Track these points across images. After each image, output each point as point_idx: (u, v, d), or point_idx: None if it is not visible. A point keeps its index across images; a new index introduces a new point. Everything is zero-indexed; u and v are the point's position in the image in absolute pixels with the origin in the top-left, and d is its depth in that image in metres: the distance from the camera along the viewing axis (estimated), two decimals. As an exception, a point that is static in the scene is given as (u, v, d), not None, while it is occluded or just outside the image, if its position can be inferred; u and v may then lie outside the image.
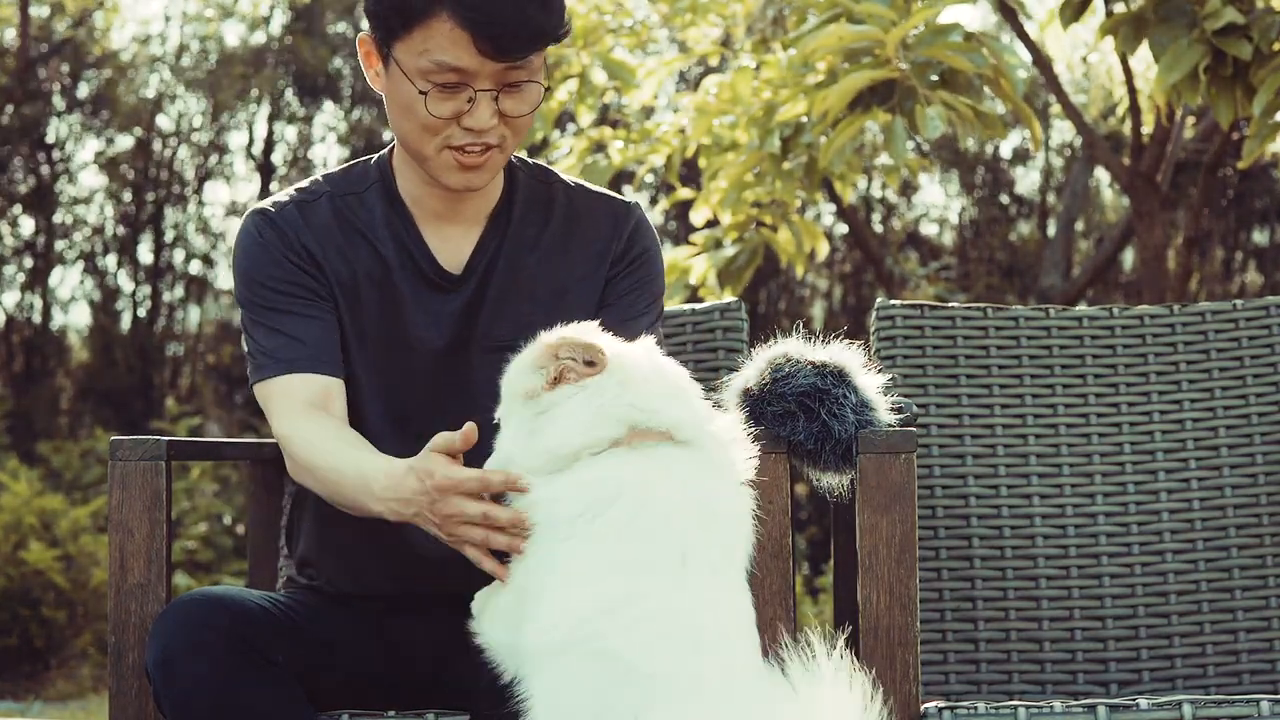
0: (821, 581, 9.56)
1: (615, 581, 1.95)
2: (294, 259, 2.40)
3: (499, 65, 2.26)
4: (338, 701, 2.34)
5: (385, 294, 2.42)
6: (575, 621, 1.94)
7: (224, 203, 12.75)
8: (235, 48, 12.69)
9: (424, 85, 2.28)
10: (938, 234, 12.82)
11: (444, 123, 2.30)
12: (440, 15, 2.24)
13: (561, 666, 1.94)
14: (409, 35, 2.27)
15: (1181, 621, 2.91)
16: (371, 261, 2.43)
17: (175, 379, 12.44)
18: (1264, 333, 3.01)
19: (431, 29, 2.25)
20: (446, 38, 2.25)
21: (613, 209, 2.52)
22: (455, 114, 2.30)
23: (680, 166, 5.65)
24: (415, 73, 2.28)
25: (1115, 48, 4.29)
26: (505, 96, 2.30)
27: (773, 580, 2.35)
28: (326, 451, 2.29)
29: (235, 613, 2.21)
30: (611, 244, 2.48)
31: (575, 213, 2.49)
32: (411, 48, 2.28)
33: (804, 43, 4.07)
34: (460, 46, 2.25)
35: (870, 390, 2.43)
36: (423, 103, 2.28)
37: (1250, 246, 12.21)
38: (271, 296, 2.40)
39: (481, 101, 2.29)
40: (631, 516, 1.98)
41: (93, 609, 7.86)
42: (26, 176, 12.19)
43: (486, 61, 2.25)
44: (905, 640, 2.30)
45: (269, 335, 2.39)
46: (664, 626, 1.92)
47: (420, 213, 2.45)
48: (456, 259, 2.45)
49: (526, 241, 2.46)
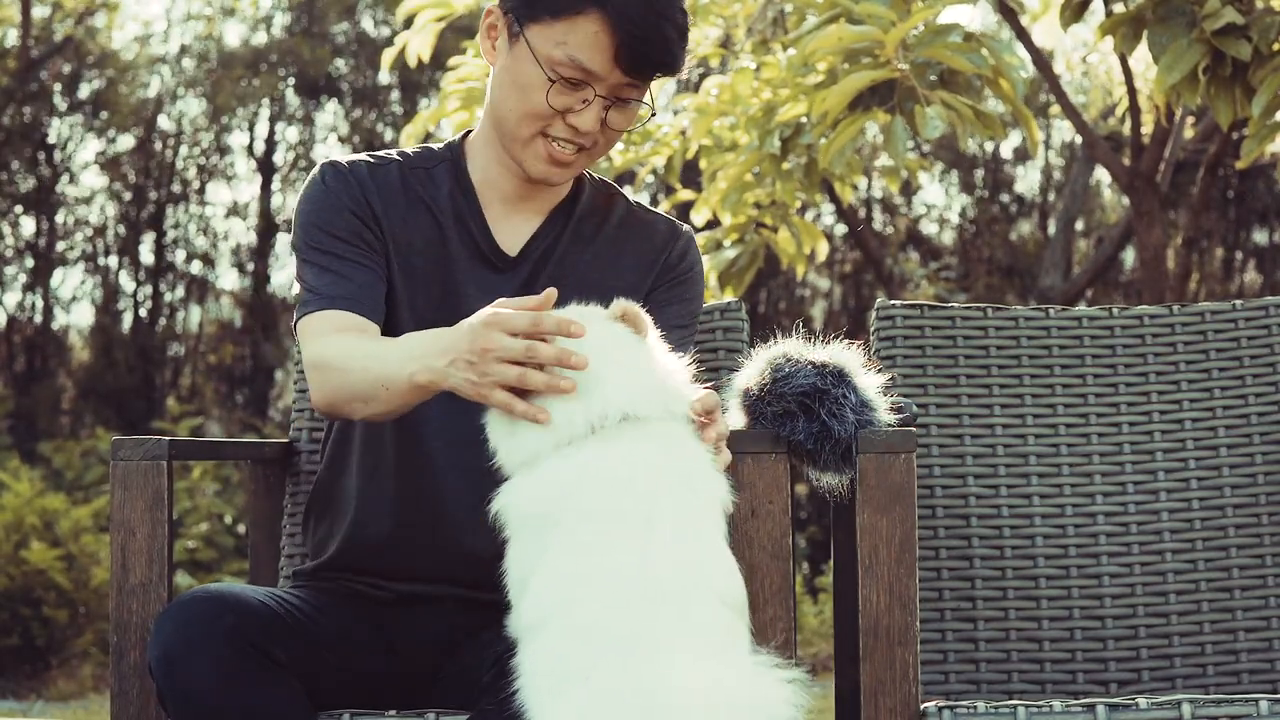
0: (821, 581, 9.57)
1: (588, 560, 2.00)
2: (357, 211, 2.43)
3: (624, 78, 2.32)
4: (339, 701, 2.34)
5: (440, 266, 2.45)
6: (554, 600, 2.00)
7: (225, 203, 12.76)
8: (236, 48, 12.70)
9: (552, 74, 2.31)
10: (938, 234, 12.82)
11: (553, 114, 2.34)
12: (592, 14, 2.28)
13: (539, 641, 1.99)
14: (554, 23, 2.31)
15: (1181, 621, 2.92)
16: (431, 231, 2.46)
17: (176, 379, 12.45)
18: (1264, 333, 3.01)
19: (577, 25, 2.29)
20: (590, 38, 2.29)
21: (668, 227, 2.56)
22: (565, 109, 2.34)
23: (681, 168, 5.65)
24: (546, 60, 2.31)
25: (1115, 48, 4.29)
26: (614, 109, 2.35)
27: (773, 580, 2.35)
28: (360, 349, 2.30)
29: (237, 610, 2.21)
30: (660, 256, 2.53)
31: (631, 223, 2.54)
32: (551, 35, 2.31)
33: (804, 43, 4.07)
34: (600, 50, 2.29)
35: (870, 390, 2.44)
36: (544, 91, 2.32)
37: (1250, 246, 12.22)
38: (329, 241, 2.42)
39: (594, 106, 2.33)
40: (597, 499, 2.03)
41: (94, 608, 7.86)
42: (28, 177, 12.20)
43: (616, 71, 2.30)
44: (905, 640, 2.30)
45: (318, 274, 2.41)
46: (626, 591, 1.97)
47: (487, 194, 2.49)
48: (514, 242, 2.49)
49: (584, 238, 2.51)
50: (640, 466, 2.05)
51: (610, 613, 1.95)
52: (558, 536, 2.02)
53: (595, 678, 1.91)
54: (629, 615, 1.95)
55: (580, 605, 1.97)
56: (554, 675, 1.95)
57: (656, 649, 1.93)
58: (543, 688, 1.97)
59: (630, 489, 2.03)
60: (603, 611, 1.96)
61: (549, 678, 1.96)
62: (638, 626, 1.94)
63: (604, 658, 1.92)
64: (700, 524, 2.07)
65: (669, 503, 2.04)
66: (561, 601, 1.99)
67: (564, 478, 2.05)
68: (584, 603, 1.97)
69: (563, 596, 1.99)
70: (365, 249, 2.43)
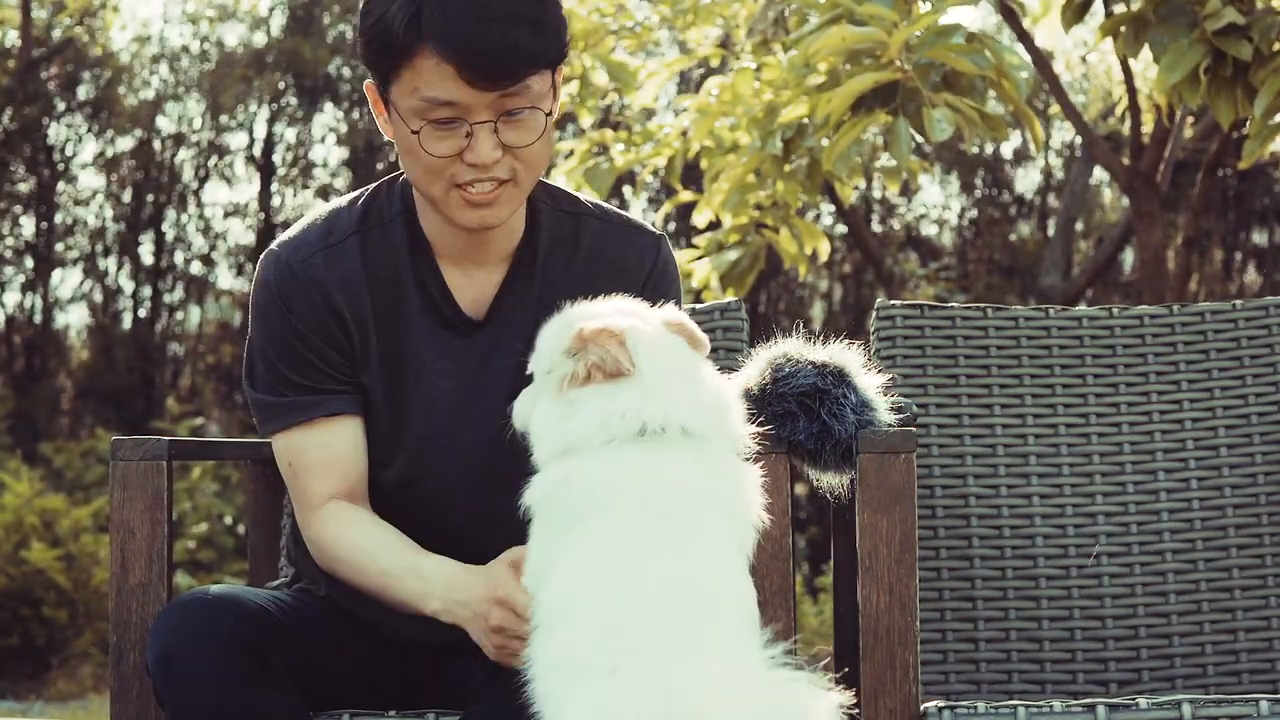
0: (821, 581, 9.57)
1: (615, 563, 2.00)
2: (320, 332, 2.32)
3: (492, 95, 2.17)
4: (338, 701, 2.34)
5: (404, 336, 2.35)
6: (580, 596, 1.99)
7: (224, 203, 12.75)
8: (235, 49, 12.70)
9: (417, 124, 2.19)
10: (937, 234, 12.82)
11: (446, 162, 2.21)
12: (424, 51, 2.16)
13: (560, 632, 1.99)
14: (399, 76, 2.20)
15: (1181, 621, 2.92)
16: (394, 303, 2.35)
17: (176, 379, 12.45)
18: (1264, 333, 3.01)
19: (417, 66, 2.17)
20: (433, 72, 2.16)
21: (640, 242, 2.43)
22: (456, 151, 2.21)
23: (682, 168, 5.65)
24: (409, 113, 2.20)
25: (1115, 49, 4.30)
26: (506, 128, 2.20)
27: (773, 580, 2.35)
28: (374, 562, 2.28)
29: (235, 612, 2.21)
30: (641, 274, 2.40)
31: (602, 246, 2.41)
32: (403, 88, 2.20)
33: (805, 44, 4.07)
34: (447, 79, 2.16)
35: (870, 390, 2.44)
36: (418, 142, 2.20)
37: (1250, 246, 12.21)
38: (295, 373, 2.33)
39: (480, 135, 2.19)
40: (633, 505, 2.02)
41: (94, 609, 7.86)
42: (27, 177, 12.20)
43: (477, 92, 2.16)
44: (905, 640, 2.30)
45: (290, 391, 2.33)
46: (652, 597, 1.97)
47: (443, 252, 2.36)
48: (478, 302, 2.37)
49: (553, 281, 2.37)
50: (687, 480, 2.05)
51: (638, 615, 1.95)
52: (592, 532, 2.02)
53: (619, 671, 1.92)
54: (657, 619, 1.95)
55: (608, 604, 1.97)
56: (574, 665, 1.96)
57: (682, 650, 1.93)
58: (561, 677, 1.97)
59: (664, 509, 2.03)
60: (630, 613, 1.96)
61: (568, 667, 1.96)
62: (664, 630, 1.95)
63: (628, 654, 1.93)
64: (730, 546, 2.07)
65: (705, 520, 2.04)
66: (589, 598, 1.98)
67: (614, 476, 2.03)
68: (612, 602, 1.97)
69: (591, 594, 1.99)
70: (336, 372, 2.34)
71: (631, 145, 5.76)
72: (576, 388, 2.06)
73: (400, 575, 2.24)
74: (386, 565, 2.26)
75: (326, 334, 2.32)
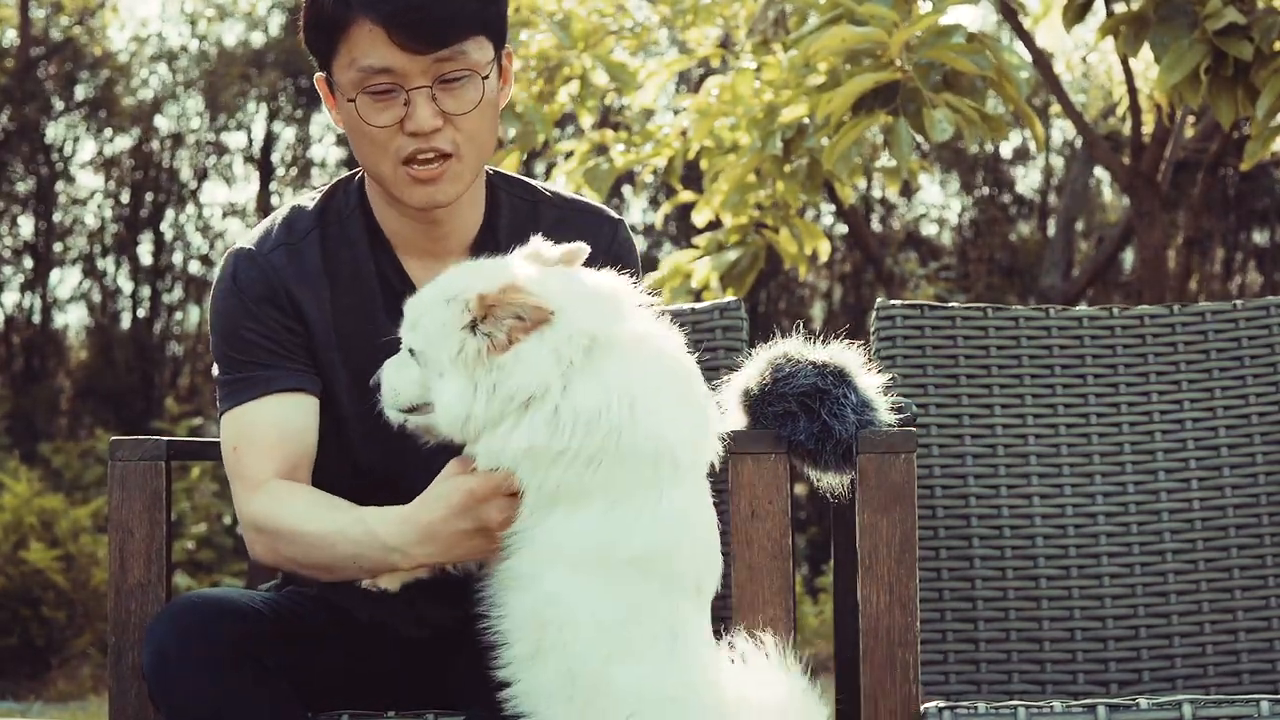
0: (821, 581, 9.57)
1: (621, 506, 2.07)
2: (280, 319, 2.33)
3: (426, 59, 2.19)
4: (337, 702, 2.34)
5: (372, 335, 2.33)
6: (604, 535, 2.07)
7: (223, 203, 12.76)
8: (234, 48, 12.70)
9: (354, 94, 2.22)
10: (937, 234, 12.82)
11: (388, 133, 2.23)
12: (358, 20, 2.18)
13: (583, 574, 2.06)
14: (336, 53, 2.23)
15: (1181, 621, 2.91)
16: (358, 301, 2.36)
17: (175, 379, 12.45)
18: (1264, 333, 3.01)
19: (352, 37, 2.20)
20: (366, 40, 2.19)
21: (598, 224, 2.44)
22: (396, 121, 2.22)
23: (682, 169, 5.65)
24: (349, 86, 2.22)
25: (1116, 48, 4.30)
26: (444, 94, 2.22)
27: (773, 580, 2.35)
28: (319, 526, 2.23)
29: (231, 615, 2.20)
30: (595, 258, 2.34)
31: (560, 232, 2.37)
32: (342, 64, 2.23)
33: (805, 44, 4.07)
34: (379, 44, 2.18)
35: (870, 390, 2.43)
36: (356, 112, 2.22)
37: (1250, 246, 12.22)
38: (251, 350, 2.33)
39: (418, 102, 2.21)
40: (619, 437, 2.07)
41: (93, 609, 7.86)
42: (26, 177, 12.20)
43: (410, 56, 2.19)
44: (905, 640, 2.30)
45: (246, 370, 2.33)
46: (675, 529, 2.09)
47: (401, 246, 2.38)
48: None
49: None
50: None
51: (665, 550, 2.07)
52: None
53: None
54: (683, 556, 2.09)
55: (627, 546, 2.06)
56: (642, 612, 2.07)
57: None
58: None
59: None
60: (654, 549, 2.07)
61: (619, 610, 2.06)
62: (698, 570, 2.11)
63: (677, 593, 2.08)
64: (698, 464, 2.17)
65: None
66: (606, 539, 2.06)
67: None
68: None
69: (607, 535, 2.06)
70: (289, 353, 2.33)
71: (631, 145, 5.76)
72: (498, 355, 2.06)
73: (353, 535, 2.19)
74: (329, 524, 2.21)
75: (280, 317, 2.33)
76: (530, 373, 2.05)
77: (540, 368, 2.05)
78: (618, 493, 2.06)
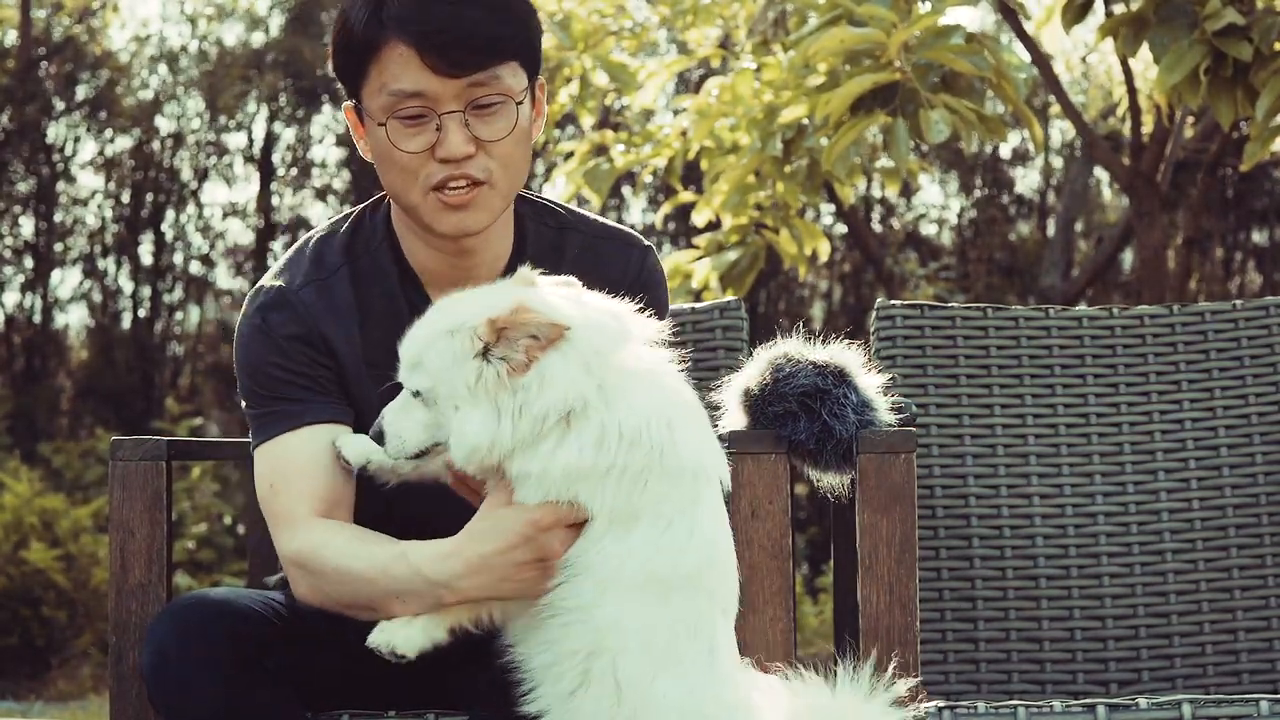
0: (821, 581, 9.57)
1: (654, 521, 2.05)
2: (311, 355, 2.28)
3: (459, 83, 2.14)
4: (337, 702, 2.34)
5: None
6: (643, 558, 2.04)
7: (223, 203, 12.76)
8: (234, 48, 12.70)
9: (383, 118, 2.17)
10: (937, 234, 12.83)
11: (419, 160, 2.18)
12: (389, 42, 2.14)
13: (639, 597, 2.03)
14: (366, 77, 2.19)
15: (1181, 621, 2.92)
16: (390, 337, 2.24)
17: (175, 379, 12.46)
18: (1264, 333, 3.01)
19: (383, 60, 2.15)
20: (398, 63, 2.14)
21: (626, 254, 2.39)
22: (428, 147, 2.17)
23: (682, 169, 5.65)
24: (379, 111, 2.17)
25: (1116, 49, 4.30)
26: (476, 120, 2.17)
27: (773, 580, 2.35)
28: (360, 563, 2.16)
29: (231, 615, 2.20)
30: (621, 285, 2.31)
31: (588, 260, 2.36)
32: (372, 88, 2.18)
33: (805, 45, 4.07)
34: (411, 67, 2.13)
35: (870, 390, 2.44)
36: (386, 137, 2.17)
37: (1250, 246, 12.23)
38: (282, 388, 2.27)
39: (450, 127, 2.16)
40: (650, 457, 2.04)
41: (93, 609, 7.86)
42: (27, 177, 12.21)
43: (443, 80, 2.14)
44: (905, 640, 2.30)
45: (278, 405, 2.27)
46: (712, 547, 2.08)
47: (429, 280, 2.32)
48: None
49: None
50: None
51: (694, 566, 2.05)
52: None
53: None
54: (713, 573, 2.07)
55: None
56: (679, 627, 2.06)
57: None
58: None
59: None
60: (687, 565, 2.04)
61: (663, 628, 2.04)
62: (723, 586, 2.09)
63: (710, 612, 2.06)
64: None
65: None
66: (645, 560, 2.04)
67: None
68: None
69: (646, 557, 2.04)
70: (321, 387, 2.28)
71: (631, 146, 5.76)
72: (519, 376, 2.02)
73: (388, 564, 2.13)
74: (371, 561, 2.15)
75: (311, 353, 2.28)
76: (561, 388, 2.00)
77: (572, 381, 2.01)
78: (666, 511, 2.03)
